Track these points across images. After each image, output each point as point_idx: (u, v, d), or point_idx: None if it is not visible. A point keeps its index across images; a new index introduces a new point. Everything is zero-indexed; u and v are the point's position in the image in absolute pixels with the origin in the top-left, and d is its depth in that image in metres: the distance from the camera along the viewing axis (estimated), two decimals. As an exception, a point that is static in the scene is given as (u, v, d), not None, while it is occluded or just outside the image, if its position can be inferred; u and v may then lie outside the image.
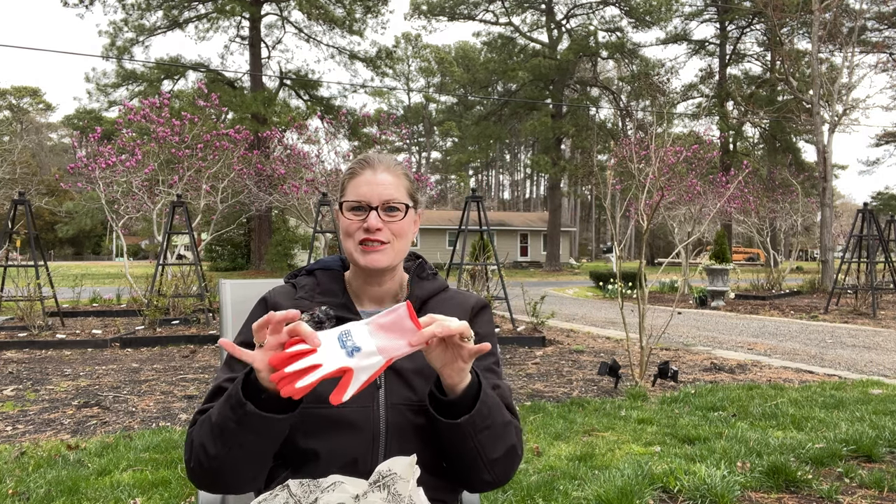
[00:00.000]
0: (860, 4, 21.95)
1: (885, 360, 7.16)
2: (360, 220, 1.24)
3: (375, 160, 1.28)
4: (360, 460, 1.16)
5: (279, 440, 1.10)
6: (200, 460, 1.10)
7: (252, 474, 1.12)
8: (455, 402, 1.08)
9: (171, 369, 6.29)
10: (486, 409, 1.11)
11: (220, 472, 1.10)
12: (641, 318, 5.52)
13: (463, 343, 1.01)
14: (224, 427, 1.06)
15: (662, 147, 7.10)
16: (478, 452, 1.13)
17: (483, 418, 1.10)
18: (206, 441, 1.09)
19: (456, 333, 0.99)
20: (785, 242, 30.60)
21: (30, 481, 3.07)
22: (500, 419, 1.15)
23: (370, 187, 1.25)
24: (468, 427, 1.09)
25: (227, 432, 1.06)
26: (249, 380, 1.04)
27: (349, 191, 1.27)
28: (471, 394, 1.09)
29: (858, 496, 2.87)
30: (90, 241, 57.92)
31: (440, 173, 72.01)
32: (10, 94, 52.61)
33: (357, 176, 1.27)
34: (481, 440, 1.12)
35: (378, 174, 1.26)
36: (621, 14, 37.00)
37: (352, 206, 1.25)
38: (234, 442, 1.06)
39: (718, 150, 26.89)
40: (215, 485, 1.13)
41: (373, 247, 1.24)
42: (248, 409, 1.02)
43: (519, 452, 1.20)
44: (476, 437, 1.11)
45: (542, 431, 3.96)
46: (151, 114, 12.31)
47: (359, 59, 33.95)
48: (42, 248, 9.65)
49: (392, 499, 1.00)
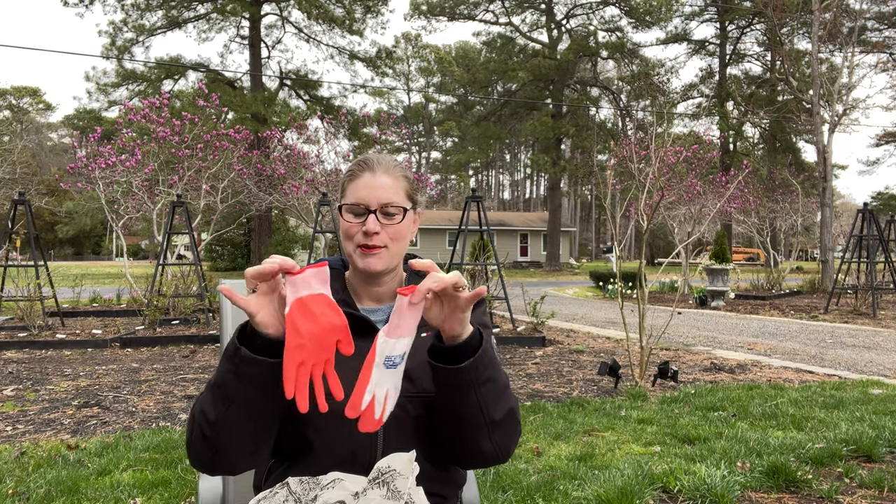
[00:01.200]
0: (860, 4, 21.97)
1: (885, 360, 7.16)
2: (358, 223, 1.26)
3: (374, 162, 1.30)
4: (358, 453, 1.16)
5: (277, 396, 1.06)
6: (202, 428, 1.11)
7: (252, 446, 1.13)
8: (458, 348, 1.10)
9: (171, 369, 6.29)
10: (488, 359, 1.13)
11: (220, 441, 1.10)
12: (641, 318, 5.52)
13: (458, 293, 1.04)
14: (223, 382, 1.08)
15: (662, 147, 7.10)
16: (480, 409, 1.14)
17: (485, 367, 1.12)
18: (206, 406, 1.10)
19: (450, 284, 1.03)
20: (785, 242, 30.61)
21: (30, 481, 3.07)
22: (501, 377, 1.17)
23: (369, 190, 1.26)
24: (471, 373, 1.10)
25: (225, 387, 1.08)
26: (245, 331, 1.07)
27: (349, 193, 1.28)
28: (473, 343, 1.11)
29: (858, 496, 2.87)
30: (90, 241, 57.92)
31: (440, 173, 72.01)
32: (10, 94, 52.61)
33: (356, 178, 1.29)
34: (483, 393, 1.13)
35: (377, 177, 1.27)
36: (621, 14, 37.00)
37: (351, 208, 1.27)
38: (233, 398, 1.07)
39: (718, 150, 26.90)
40: (215, 460, 1.13)
41: (370, 251, 1.25)
42: (242, 353, 1.04)
43: (518, 419, 1.22)
44: (479, 388, 1.12)
45: (542, 431, 3.96)
46: (151, 114, 12.31)
47: (359, 59, 33.94)
48: (42, 248, 9.65)
49: (391, 495, 1.00)
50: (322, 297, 1.02)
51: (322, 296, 1.02)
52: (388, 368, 1.03)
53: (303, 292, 1.01)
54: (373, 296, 1.33)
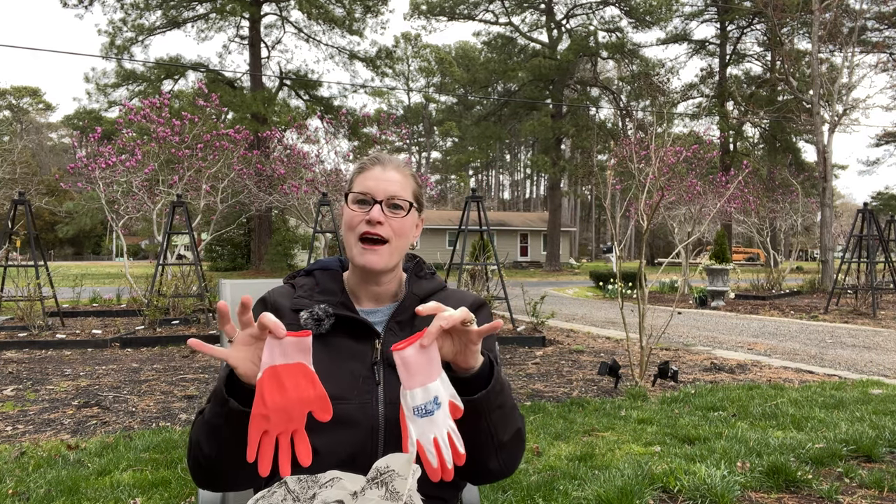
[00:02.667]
0: (860, 4, 21.97)
1: (885, 360, 7.16)
2: (363, 212, 1.25)
3: (386, 159, 1.31)
4: (357, 457, 1.16)
5: None
6: (198, 459, 1.12)
7: (250, 472, 1.12)
8: (471, 380, 1.10)
9: (171, 369, 6.29)
10: (500, 387, 1.13)
11: (217, 470, 1.12)
12: (641, 318, 5.52)
13: (468, 328, 1.03)
14: (213, 424, 1.08)
15: (662, 147, 7.10)
16: (489, 433, 1.14)
17: (497, 395, 1.12)
18: (202, 439, 1.11)
19: (458, 321, 1.02)
20: (785, 242, 30.61)
21: (30, 481, 3.07)
22: (510, 400, 1.18)
23: (377, 182, 1.27)
24: (484, 403, 1.10)
25: (216, 429, 1.07)
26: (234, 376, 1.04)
27: (356, 184, 1.29)
28: (485, 372, 1.11)
29: (858, 496, 2.86)
30: (90, 241, 57.91)
31: (440, 173, 71.98)
32: (10, 94, 52.62)
33: (366, 171, 1.29)
34: (494, 420, 1.13)
35: (387, 171, 1.28)
36: (621, 14, 36.98)
37: (357, 198, 1.27)
38: (225, 438, 1.07)
39: (718, 150, 26.91)
40: (215, 483, 1.15)
41: (371, 245, 1.24)
42: (230, 405, 1.03)
43: (524, 437, 1.23)
44: (490, 415, 1.12)
45: (542, 431, 3.96)
46: (151, 114, 12.31)
47: (359, 59, 33.94)
48: (42, 248, 9.65)
49: (390, 496, 1.00)
50: (298, 367, 0.98)
51: (298, 365, 0.98)
52: (422, 418, 1.00)
53: (277, 360, 0.97)
54: (372, 296, 1.32)
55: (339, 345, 1.22)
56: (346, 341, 1.23)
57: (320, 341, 1.22)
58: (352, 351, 1.23)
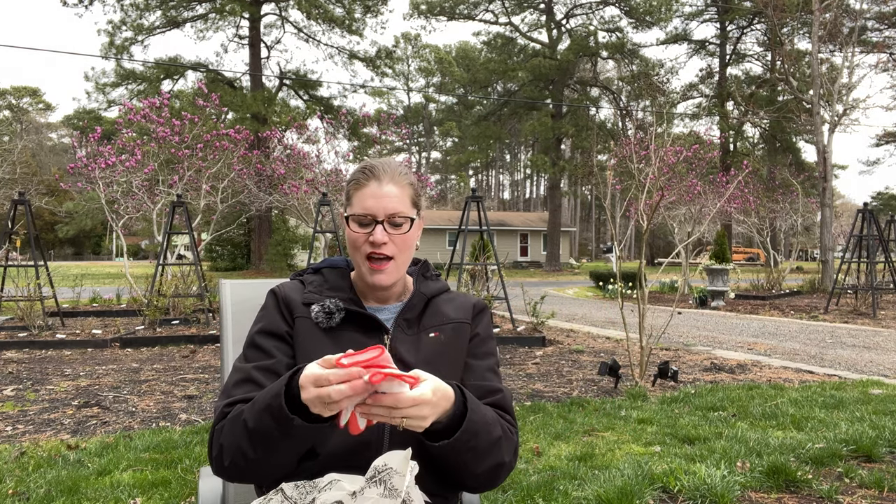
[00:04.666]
0: (860, 4, 21.99)
1: (885, 360, 7.16)
2: (365, 233, 1.27)
3: (380, 170, 1.29)
4: (365, 449, 1.17)
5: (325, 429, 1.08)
6: (236, 462, 1.11)
7: (291, 468, 1.15)
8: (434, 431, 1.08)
9: (171, 369, 6.29)
10: (468, 435, 1.10)
11: (258, 471, 1.13)
12: (641, 318, 5.52)
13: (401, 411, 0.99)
14: (268, 435, 1.06)
15: (662, 147, 7.10)
16: (461, 468, 1.15)
17: (464, 443, 1.10)
18: (244, 445, 1.09)
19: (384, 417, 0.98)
20: (785, 242, 30.63)
21: (30, 481, 3.07)
22: (485, 441, 1.14)
23: (375, 200, 1.26)
24: (448, 449, 1.09)
25: (270, 440, 1.06)
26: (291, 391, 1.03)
27: (355, 203, 1.28)
28: (453, 423, 1.09)
29: (858, 496, 2.86)
30: (90, 241, 57.94)
31: (440, 173, 72.03)
32: (10, 94, 52.61)
33: (362, 187, 1.28)
34: (465, 459, 1.13)
35: (383, 186, 1.27)
36: (621, 14, 37.01)
37: (358, 219, 1.28)
38: (278, 447, 1.07)
39: (718, 150, 26.88)
40: (250, 480, 1.17)
41: (379, 265, 1.27)
42: (296, 423, 1.01)
43: (507, 464, 1.20)
44: (458, 456, 1.12)
45: (542, 431, 3.96)
46: (151, 114, 12.31)
47: (358, 59, 33.95)
48: (42, 248, 9.65)
49: (388, 494, 1.00)
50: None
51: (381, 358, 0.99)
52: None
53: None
54: (379, 297, 1.35)
55: (349, 338, 1.25)
56: (356, 335, 1.26)
57: (330, 335, 1.25)
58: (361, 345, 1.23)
